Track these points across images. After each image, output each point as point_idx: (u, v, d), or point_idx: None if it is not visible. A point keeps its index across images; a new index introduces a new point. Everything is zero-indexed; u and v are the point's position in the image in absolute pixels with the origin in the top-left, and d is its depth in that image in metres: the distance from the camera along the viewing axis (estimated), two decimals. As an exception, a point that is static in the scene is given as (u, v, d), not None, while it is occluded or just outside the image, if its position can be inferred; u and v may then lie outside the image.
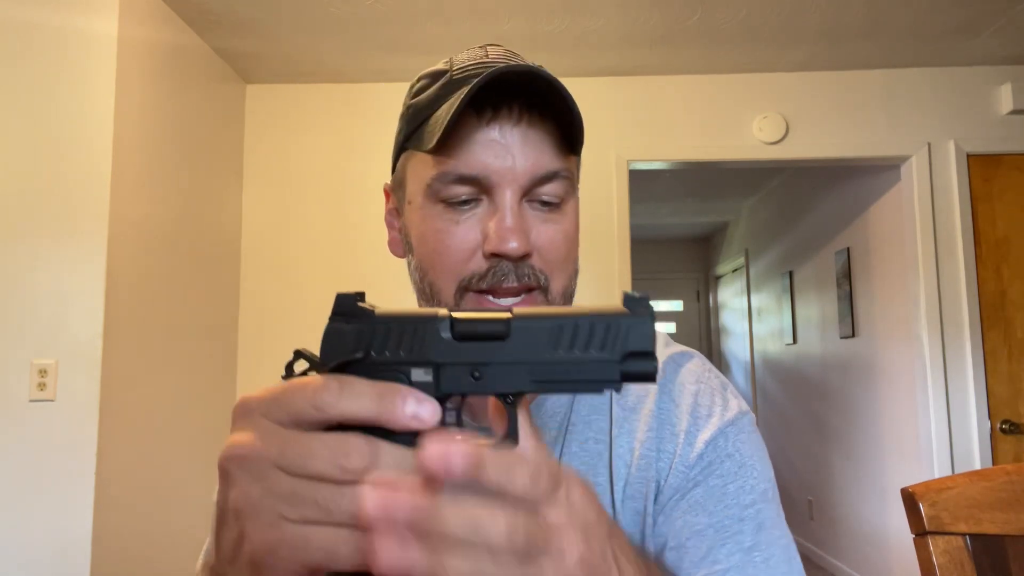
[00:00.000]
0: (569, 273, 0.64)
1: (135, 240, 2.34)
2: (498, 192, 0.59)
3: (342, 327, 0.40)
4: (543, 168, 0.60)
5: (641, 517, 0.64)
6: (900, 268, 3.31)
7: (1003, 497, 0.79)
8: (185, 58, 2.71)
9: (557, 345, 0.39)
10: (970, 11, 2.66)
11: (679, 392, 0.68)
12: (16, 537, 2.06)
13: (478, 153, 0.59)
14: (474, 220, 0.60)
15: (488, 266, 0.59)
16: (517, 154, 0.59)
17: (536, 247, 0.60)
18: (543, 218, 0.61)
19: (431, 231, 0.61)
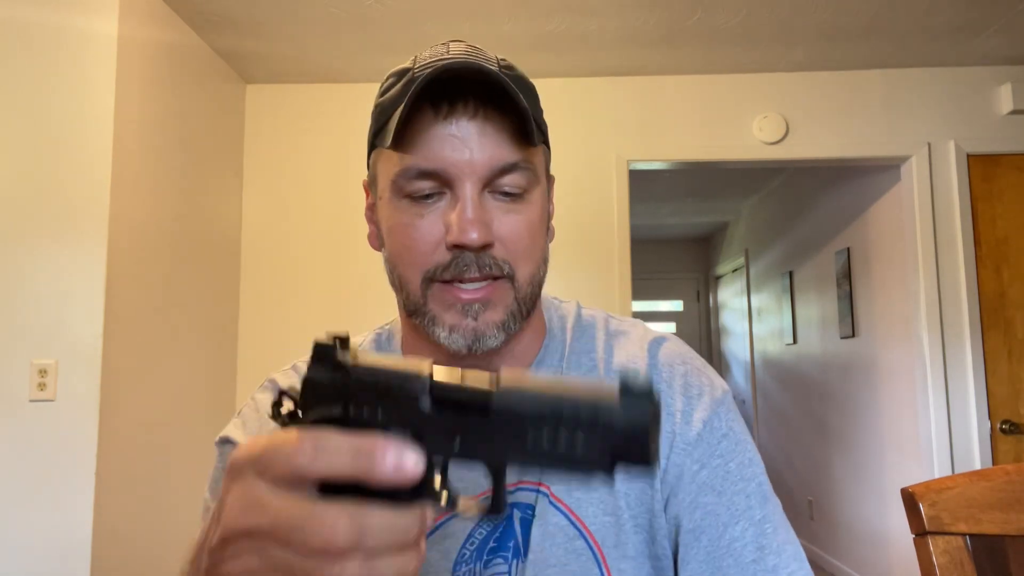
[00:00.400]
0: (535, 261, 0.65)
1: (135, 240, 2.34)
2: (458, 185, 0.61)
3: (320, 378, 0.39)
4: (501, 160, 0.61)
5: (648, 496, 0.66)
6: (900, 268, 3.31)
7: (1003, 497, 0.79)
8: (185, 58, 2.71)
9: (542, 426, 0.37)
10: (970, 11, 2.66)
11: (668, 373, 0.70)
12: (16, 537, 2.06)
13: (436, 148, 0.60)
14: (437, 213, 0.62)
15: (451, 257, 0.61)
16: (475, 147, 0.60)
17: (498, 237, 0.62)
18: (505, 208, 0.62)
19: (398, 225, 0.63)
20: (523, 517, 0.65)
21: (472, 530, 0.64)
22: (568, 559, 0.63)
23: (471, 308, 0.62)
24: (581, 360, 0.72)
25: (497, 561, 0.64)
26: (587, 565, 0.63)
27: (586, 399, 0.37)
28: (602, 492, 0.65)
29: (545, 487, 0.65)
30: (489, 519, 0.64)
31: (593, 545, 0.64)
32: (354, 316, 3.06)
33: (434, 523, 0.64)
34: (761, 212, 5.52)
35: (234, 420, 0.73)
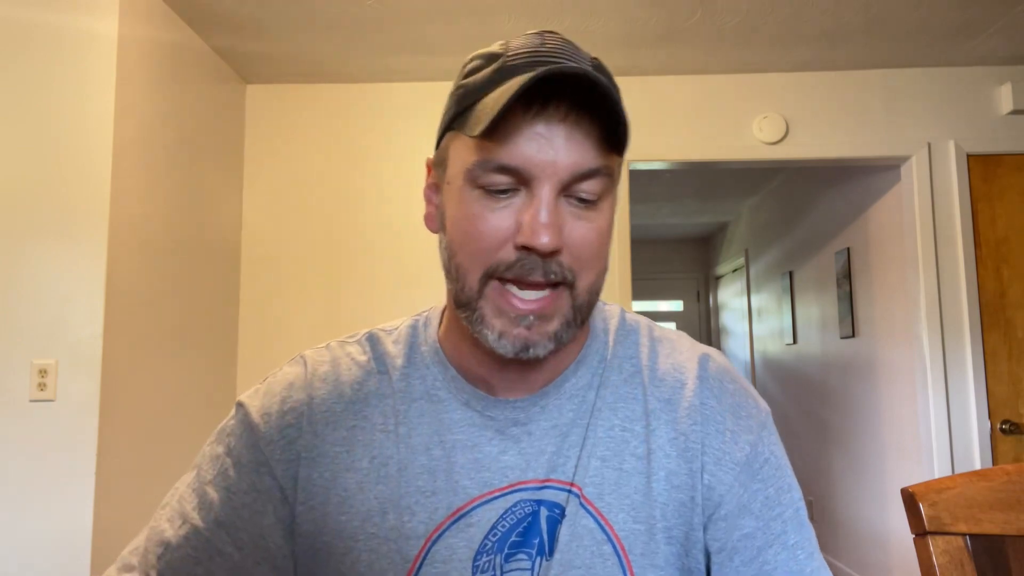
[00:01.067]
0: (598, 271, 0.64)
1: (135, 240, 2.34)
2: (536, 185, 0.58)
3: None
4: (584, 165, 0.59)
5: (688, 509, 0.66)
6: (900, 268, 3.31)
7: (1003, 497, 0.79)
8: (185, 58, 2.71)
9: None
10: (970, 11, 2.66)
11: (719, 390, 0.70)
12: (16, 537, 2.06)
13: (521, 145, 0.58)
14: (510, 210, 0.59)
15: (517, 257, 0.59)
16: (560, 149, 0.58)
17: (567, 243, 0.60)
18: (578, 215, 0.60)
19: (466, 215, 0.61)
20: (550, 515, 0.65)
21: (496, 521, 0.64)
22: (593, 562, 0.63)
23: (525, 319, 0.60)
24: (623, 365, 0.71)
25: (520, 556, 0.64)
26: (612, 570, 0.63)
27: None
28: (635, 499, 0.65)
29: (577, 488, 0.65)
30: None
31: (620, 551, 0.64)
32: (354, 316, 3.07)
33: (459, 510, 0.64)
34: (761, 212, 5.52)
35: (258, 385, 0.72)
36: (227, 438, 0.69)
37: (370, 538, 0.64)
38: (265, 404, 0.69)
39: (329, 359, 0.72)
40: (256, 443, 0.67)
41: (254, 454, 0.66)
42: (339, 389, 0.69)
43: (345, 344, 0.74)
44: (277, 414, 0.68)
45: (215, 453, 0.68)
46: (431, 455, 0.66)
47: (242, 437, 0.68)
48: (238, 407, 0.70)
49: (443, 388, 0.68)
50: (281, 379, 0.71)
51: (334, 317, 3.10)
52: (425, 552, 0.63)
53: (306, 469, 0.66)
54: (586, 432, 0.67)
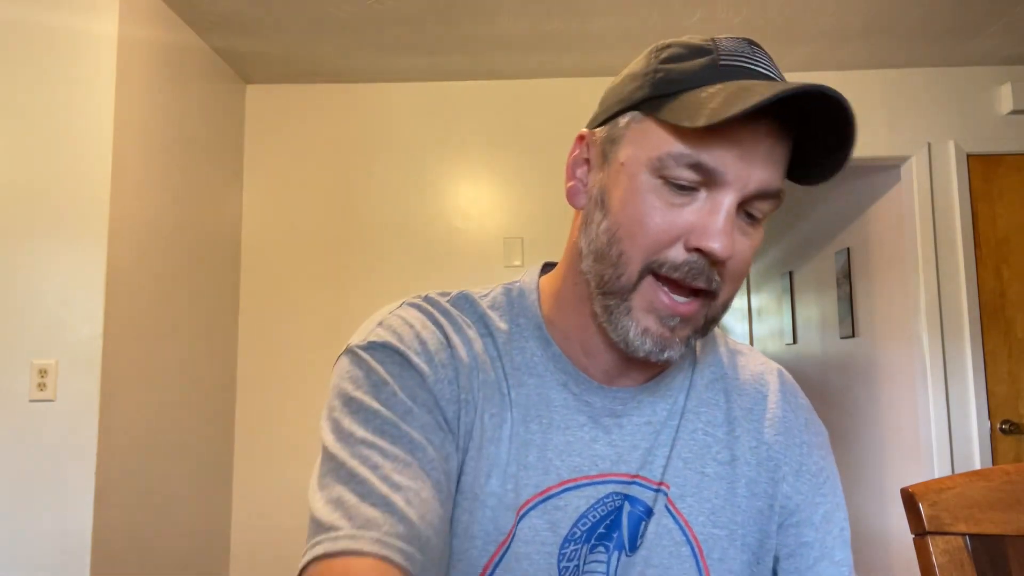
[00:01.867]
0: (737, 287, 0.63)
1: (135, 240, 2.34)
2: (723, 191, 0.57)
3: None
4: (771, 185, 0.58)
5: (766, 517, 0.68)
6: (900, 268, 3.31)
7: (1003, 497, 0.79)
8: (185, 58, 2.71)
9: None
10: (970, 11, 2.66)
11: (795, 402, 0.73)
12: (16, 537, 2.06)
13: (724, 148, 0.56)
14: (689, 209, 0.58)
15: (685, 259, 0.58)
16: (758, 164, 0.57)
17: (732, 256, 0.59)
18: (743, 230, 0.60)
19: (641, 202, 0.59)
20: (632, 512, 0.65)
21: (587, 510, 0.63)
22: (671, 562, 0.63)
23: (672, 319, 0.59)
24: (705, 371, 0.72)
25: (600, 549, 0.64)
26: (689, 572, 0.64)
27: None
28: (715, 504, 0.66)
29: (666, 486, 0.65)
30: None
31: (698, 554, 0.64)
32: (355, 316, 3.06)
33: (548, 491, 0.63)
34: (761, 212, 5.51)
35: (376, 330, 0.63)
36: (392, 379, 0.59)
37: (473, 499, 0.61)
38: (410, 343, 0.62)
39: (441, 308, 0.67)
40: (424, 383, 0.60)
41: (426, 394, 0.60)
42: (464, 336, 0.65)
43: (442, 299, 0.69)
44: (432, 352, 0.62)
45: (384, 396, 0.58)
46: (528, 427, 0.64)
47: (406, 377, 0.60)
48: (380, 347, 0.61)
49: (541, 363, 0.67)
50: (409, 320, 0.64)
51: (334, 317, 3.10)
52: (516, 527, 0.61)
53: (464, 413, 0.62)
54: (676, 433, 0.67)
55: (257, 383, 3.08)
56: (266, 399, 3.03)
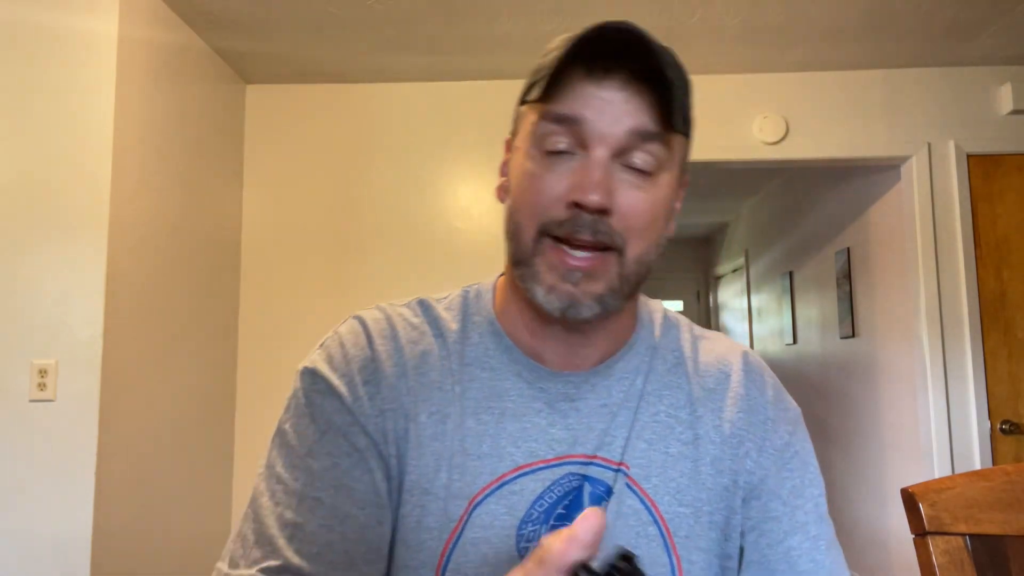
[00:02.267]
0: (649, 242, 0.65)
1: (135, 240, 2.34)
2: (592, 147, 0.61)
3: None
4: (637, 131, 0.61)
5: (731, 493, 0.68)
6: (900, 268, 3.31)
7: (1003, 497, 0.79)
8: (185, 58, 2.71)
9: None
10: (970, 11, 2.66)
11: (760, 380, 0.74)
12: (16, 537, 2.06)
13: (580, 104, 0.61)
14: (566, 170, 0.62)
15: (568, 215, 0.61)
16: (617, 113, 0.61)
17: (618, 207, 0.61)
18: (633, 183, 0.62)
19: (526, 175, 0.64)
20: (593, 492, 0.65)
21: (543, 492, 0.65)
22: (639, 542, 0.64)
23: (573, 275, 0.62)
24: (666, 356, 0.73)
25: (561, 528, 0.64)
26: (656, 552, 0.64)
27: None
28: (681, 483, 0.67)
29: (625, 467, 0.66)
30: None
31: (665, 533, 0.65)
32: (354, 316, 3.06)
33: (503, 477, 0.65)
34: (761, 212, 5.52)
35: (317, 351, 0.70)
36: (308, 408, 0.66)
37: (423, 494, 0.64)
38: (337, 366, 0.67)
39: (383, 317, 0.72)
40: (342, 405, 0.65)
41: (344, 416, 0.65)
42: (398, 344, 0.69)
43: (395, 306, 0.74)
44: (354, 372, 0.67)
45: (301, 427, 0.66)
46: (480, 419, 0.66)
47: (324, 404, 0.66)
48: (309, 374, 0.68)
49: (495, 357, 0.69)
50: (343, 339, 0.70)
51: (334, 316, 3.08)
52: (468, 514, 0.63)
53: (391, 422, 0.66)
54: (634, 415, 0.68)
55: (257, 383, 3.08)
56: (266, 399, 3.03)
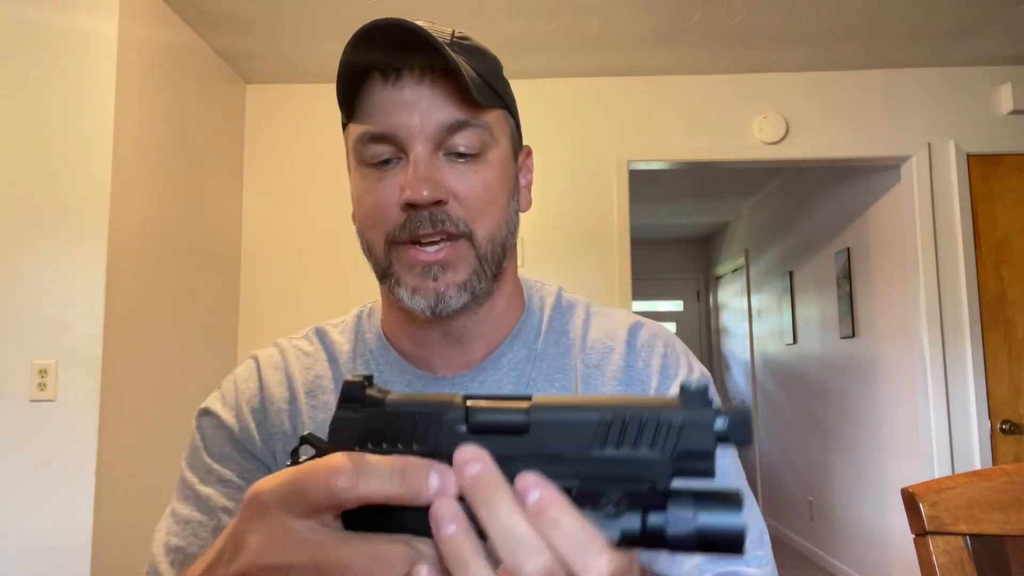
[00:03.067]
0: (495, 220, 0.65)
1: (135, 240, 2.34)
2: (410, 148, 0.62)
3: (350, 415, 0.38)
4: (448, 120, 0.62)
5: None
6: (900, 268, 3.31)
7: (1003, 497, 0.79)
8: (185, 58, 2.71)
9: (589, 440, 0.35)
10: (970, 11, 2.66)
11: (647, 352, 0.72)
12: (16, 537, 2.06)
13: (387, 113, 0.62)
14: (394, 177, 0.63)
15: (406, 217, 0.62)
16: (423, 110, 0.62)
17: (452, 193, 0.62)
18: (460, 169, 0.63)
19: (361, 193, 0.65)
20: None
21: None
22: None
23: (431, 270, 0.63)
24: (559, 339, 0.73)
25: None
26: None
27: (634, 404, 0.35)
28: None
29: None
30: None
31: None
32: (354, 316, 3.06)
33: None
34: (761, 212, 5.52)
35: (214, 393, 0.74)
36: (200, 442, 0.71)
37: None
38: (228, 402, 0.72)
39: (277, 352, 0.75)
40: (230, 435, 0.70)
41: (232, 444, 0.69)
42: (289, 373, 0.72)
43: (292, 339, 0.77)
44: (241, 404, 0.71)
45: (195, 460, 0.70)
46: None
47: (215, 436, 0.70)
48: (202, 413, 0.72)
49: (387, 371, 0.71)
50: (237, 378, 0.74)
51: (334, 316, 3.09)
52: None
53: (279, 443, 0.69)
54: None
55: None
56: (266, 399, 3.03)
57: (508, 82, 0.72)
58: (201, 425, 0.72)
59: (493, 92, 0.65)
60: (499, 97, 0.67)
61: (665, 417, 0.34)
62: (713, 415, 0.34)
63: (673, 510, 0.33)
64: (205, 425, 0.71)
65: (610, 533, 0.33)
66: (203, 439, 0.71)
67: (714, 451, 0.34)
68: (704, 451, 0.34)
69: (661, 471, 0.34)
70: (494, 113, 0.66)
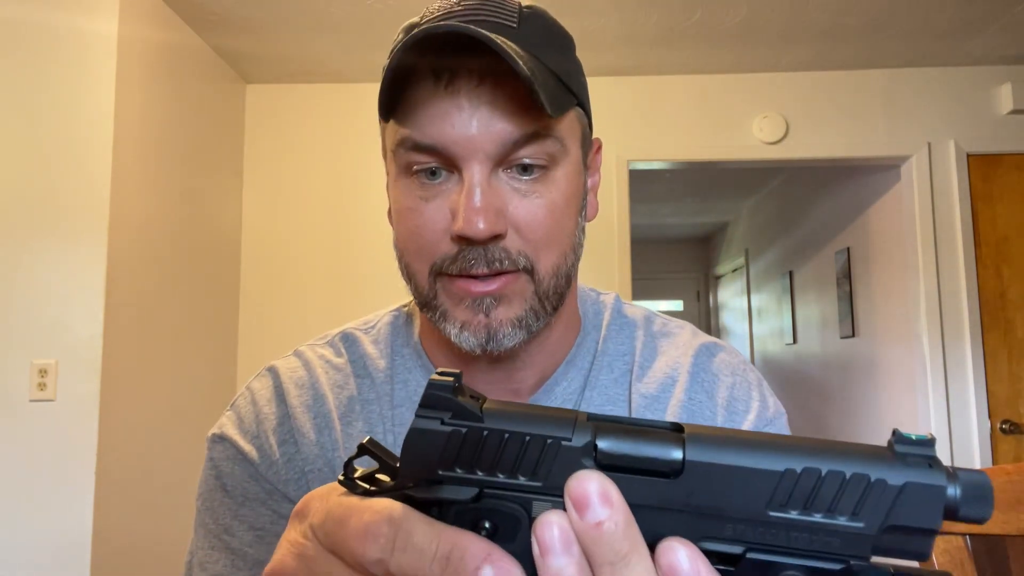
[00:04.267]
0: (560, 250, 0.56)
1: (135, 240, 2.34)
2: (464, 165, 0.52)
3: (435, 428, 0.28)
4: (512, 134, 0.52)
5: None
6: (900, 268, 3.31)
7: (1003, 497, 0.79)
8: (185, 58, 2.71)
9: (766, 496, 0.26)
10: (970, 11, 2.66)
11: (712, 383, 0.63)
12: (16, 537, 2.06)
13: (437, 122, 0.52)
14: (444, 197, 0.53)
15: (457, 249, 0.53)
16: (481, 121, 0.51)
17: (513, 224, 0.53)
18: (523, 190, 0.54)
19: (404, 209, 0.56)
20: None
21: None
22: None
23: (482, 302, 0.53)
24: (613, 364, 0.64)
25: None
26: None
27: (834, 452, 0.26)
28: None
29: None
30: None
31: None
32: (354, 316, 3.06)
33: None
34: (761, 212, 5.51)
35: (227, 413, 0.64)
36: (220, 480, 0.60)
37: None
38: (248, 428, 0.61)
39: (301, 364, 0.65)
40: (256, 472, 0.59)
41: (259, 484, 0.59)
42: (318, 393, 0.62)
43: (315, 347, 0.67)
44: (267, 434, 0.60)
45: (214, 501, 0.60)
46: None
47: (236, 472, 0.60)
48: (217, 441, 0.62)
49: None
50: (255, 397, 0.64)
51: (334, 317, 3.09)
52: None
53: (316, 481, 0.59)
54: None
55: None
56: (266, 399, 3.03)
57: (581, 66, 0.61)
58: (216, 458, 0.61)
59: (567, 92, 0.55)
60: (573, 95, 0.56)
61: (879, 477, 0.26)
62: (944, 479, 0.26)
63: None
64: (219, 457, 0.61)
65: None
66: (220, 477, 0.60)
67: (939, 529, 0.26)
68: (926, 528, 0.26)
69: (862, 547, 0.26)
70: (566, 118, 0.56)
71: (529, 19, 0.56)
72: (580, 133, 0.59)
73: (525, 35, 0.54)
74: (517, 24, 0.54)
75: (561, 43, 0.58)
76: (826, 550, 0.26)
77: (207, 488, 0.61)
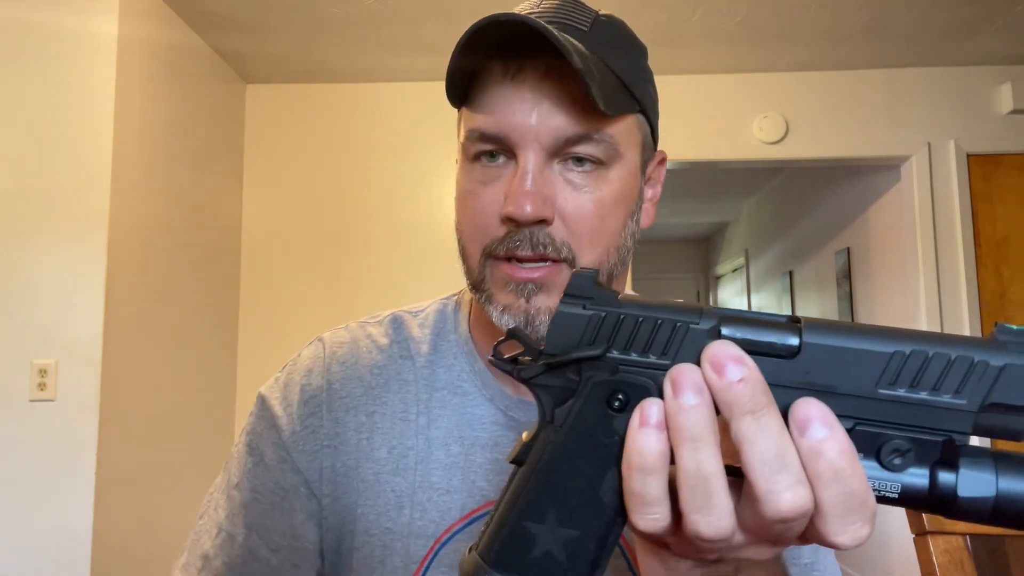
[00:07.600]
0: (604, 247, 0.58)
1: (135, 240, 2.34)
2: (520, 152, 0.55)
3: (577, 312, 0.32)
4: (565, 130, 0.55)
5: None
6: (900, 268, 3.31)
7: (1003, 497, 0.79)
8: (185, 58, 2.71)
9: (876, 375, 0.29)
10: (970, 11, 2.66)
11: None
12: (16, 537, 2.06)
13: (501, 109, 0.55)
14: (500, 182, 0.57)
15: (505, 231, 0.56)
16: (541, 113, 0.55)
17: (560, 214, 0.56)
18: (576, 184, 0.56)
19: (464, 192, 0.59)
20: None
21: None
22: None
23: (524, 288, 0.56)
24: None
25: None
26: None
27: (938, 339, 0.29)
28: None
29: None
30: None
31: (634, 566, 0.61)
32: (354, 316, 3.06)
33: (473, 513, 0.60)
34: (761, 212, 5.52)
35: (277, 374, 0.69)
36: (249, 435, 0.66)
37: (385, 533, 0.61)
38: (285, 394, 0.66)
39: (349, 340, 0.69)
40: (279, 438, 0.63)
41: (277, 450, 0.63)
42: (358, 372, 0.65)
43: (366, 325, 0.71)
44: (298, 403, 0.64)
45: (240, 452, 0.65)
46: (449, 451, 0.62)
47: (264, 433, 0.65)
48: (260, 400, 0.67)
49: (468, 381, 0.65)
50: (299, 365, 0.68)
51: (334, 317, 3.09)
52: (433, 554, 0.60)
53: (330, 459, 0.62)
54: None
55: (257, 383, 3.07)
56: (266, 399, 3.03)
57: (651, 76, 0.64)
58: (256, 414, 0.66)
59: (628, 96, 0.58)
60: (635, 101, 0.60)
61: (981, 359, 0.28)
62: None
63: (969, 470, 0.28)
64: (259, 416, 0.66)
65: (890, 488, 0.29)
66: (252, 433, 0.65)
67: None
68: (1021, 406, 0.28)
69: (963, 423, 0.28)
70: (624, 121, 0.58)
71: (603, 25, 0.59)
72: (640, 140, 0.62)
73: (593, 37, 0.57)
74: (589, 28, 0.58)
75: (630, 49, 0.61)
76: (930, 424, 0.29)
77: (243, 439, 0.66)
